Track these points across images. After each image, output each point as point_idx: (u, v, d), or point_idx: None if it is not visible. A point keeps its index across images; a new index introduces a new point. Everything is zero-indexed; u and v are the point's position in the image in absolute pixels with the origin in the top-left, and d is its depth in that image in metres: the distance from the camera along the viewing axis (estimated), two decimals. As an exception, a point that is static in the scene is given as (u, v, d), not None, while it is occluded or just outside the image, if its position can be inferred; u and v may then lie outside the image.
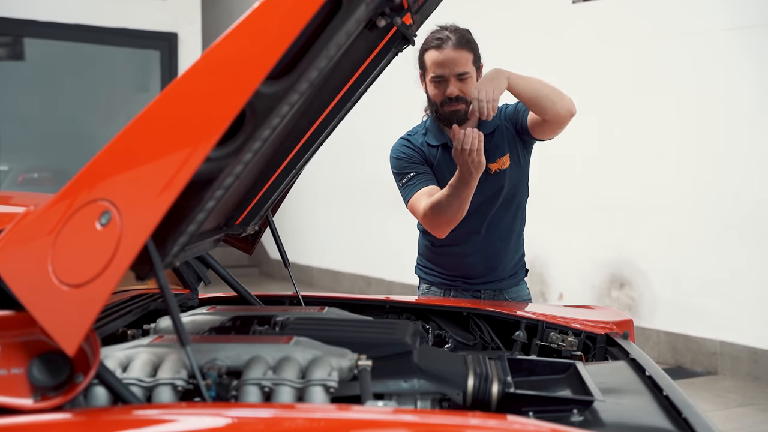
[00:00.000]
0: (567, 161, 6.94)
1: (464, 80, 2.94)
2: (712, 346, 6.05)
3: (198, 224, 1.73)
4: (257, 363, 1.80)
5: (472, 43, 2.98)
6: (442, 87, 2.96)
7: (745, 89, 5.84)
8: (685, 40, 6.15)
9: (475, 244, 3.08)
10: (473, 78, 2.96)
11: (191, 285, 2.74)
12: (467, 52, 2.95)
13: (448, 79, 2.94)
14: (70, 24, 8.86)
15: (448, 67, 2.93)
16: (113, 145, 1.55)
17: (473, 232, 3.06)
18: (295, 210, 10.20)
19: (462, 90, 2.94)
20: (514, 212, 3.12)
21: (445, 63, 2.93)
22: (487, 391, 1.90)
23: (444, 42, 2.93)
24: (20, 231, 1.63)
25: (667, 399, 1.92)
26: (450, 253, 3.12)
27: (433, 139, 3.06)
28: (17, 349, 1.58)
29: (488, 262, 3.10)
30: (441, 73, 2.94)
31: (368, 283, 9.10)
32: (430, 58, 2.96)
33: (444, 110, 2.97)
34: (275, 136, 2.18)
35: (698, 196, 6.09)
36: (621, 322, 2.68)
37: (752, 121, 5.81)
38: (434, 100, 3.00)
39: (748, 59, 5.83)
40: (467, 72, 2.94)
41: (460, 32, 2.97)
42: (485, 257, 3.10)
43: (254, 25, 1.51)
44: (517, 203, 3.12)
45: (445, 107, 2.96)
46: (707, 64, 6.04)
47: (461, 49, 2.93)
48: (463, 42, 2.94)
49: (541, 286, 7.19)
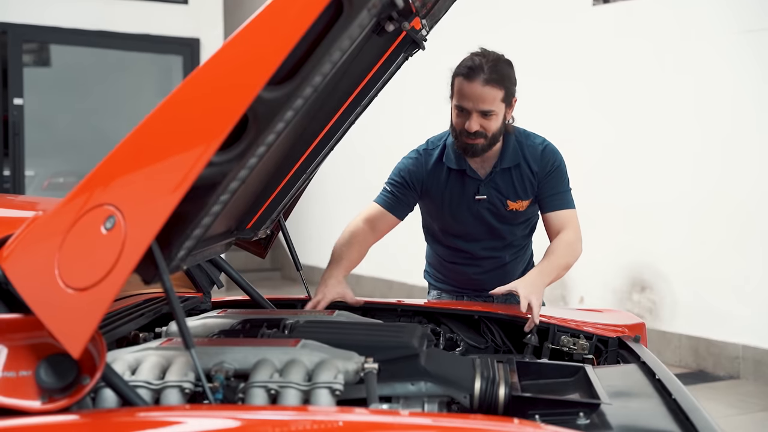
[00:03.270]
0: (587, 164, 6.91)
1: (489, 117, 2.78)
2: (734, 349, 6.01)
3: (204, 228, 1.75)
4: (264, 366, 1.82)
5: (506, 80, 2.78)
6: (463, 118, 2.80)
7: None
8: (705, 42, 6.12)
9: (488, 265, 3.08)
10: (500, 115, 2.80)
11: (204, 288, 2.77)
12: (498, 89, 2.75)
13: (471, 113, 2.77)
14: (94, 30, 8.95)
15: (472, 101, 2.75)
16: (118, 151, 1.57)
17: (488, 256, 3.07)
18: (319, 213, 10.23)
19: (483, 126, 2.78)
20: (527, 233, 3.12)
21: (470, 96, 2.75)
22: (494, 394, 1.91)
23: (475, 73, 2.73)
24: (28, 235, 1.65)
25: (676, 403, 1.91)
26: (462, 272, 3.12)
27: (452, 163, 2.95)
28: (25, 352, 1.61)
29: (501, 277, 3.08)
30: (465, 105, 2.78)
31: (389, 287, 9.10)
32: (458, 85, 2.79)
33: (462, 140, 2.83)
34: (283, 141, 2.19)
35: (719, 199, 6.05)
36: (633, 326, 2.68)
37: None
38: (455, 127, 2.85)
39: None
40: (492, 110, 2.77)
41: (496, 64, 2.76)
42: (498, 274, 3.08)
43: (255, 31, 1.53)
44: (531, 226, 3.12)
45: (464, 138, 2.81)
46: (729, 65, 5.99)
47: (491, 85, 2.73)
48: (494, 78, 2.74)
49: (561, 290, 7.16)
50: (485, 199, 2.95)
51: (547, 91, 7.28)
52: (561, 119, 7.09)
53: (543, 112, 7.19)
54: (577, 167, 6.90)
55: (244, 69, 1.51)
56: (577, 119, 7.05)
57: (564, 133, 6.99)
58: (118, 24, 9.06)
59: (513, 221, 3.01)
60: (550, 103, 7.21)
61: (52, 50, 9.21)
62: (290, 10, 1.50)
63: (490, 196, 2.95)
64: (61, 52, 9.23)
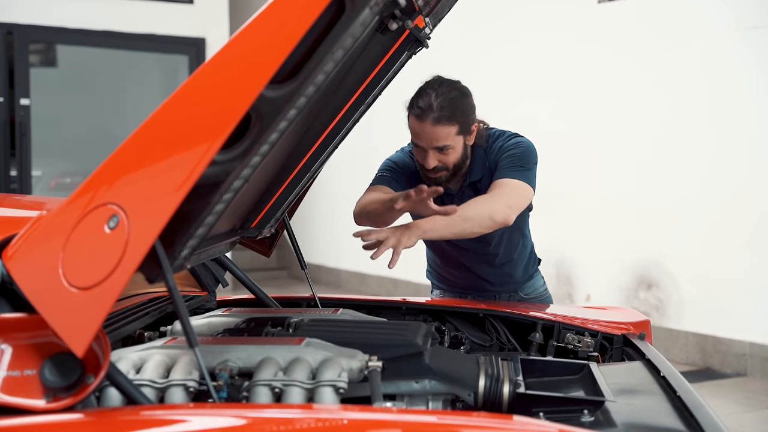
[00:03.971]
0: (594, 163, 6.91)
1: (446, 152, 2.71)
2: (741, 347, 5.99)
3: (208, 227, 1.75)
4: (268, 364, 1.82)
5: (458, 114, 2.67)
6: (420, 154, 2.74)
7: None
8: (714, 40, 6.11)
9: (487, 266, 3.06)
10: (457, 148, 2.72)
11: (209, 287, 2.78)
12: (450, 125, 2.66)
13: (427, 151, 2.71)
14: (100, 30, 8.97)
15: (425, 140, 2.69)
16: (121, 150, 1.57)
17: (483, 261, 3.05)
18: (325, 212, 10.24)
19: (442, 160, 2.72)
20: (521, 231, 3.07)
21: (422, 136, 2.69)
22: (498, 392, 1.91)
23: (425, 113, 2.64)
24: (32, 235, 1.66)
25: (680, 400, 1.91)
26: (459, 275, 3.12)
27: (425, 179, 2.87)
28: (30, 351, 1.61)
29: (502, 276, 3.08)
30: (419, 144, 2.72)
31: (395, 285, 9.11)
32: (411, 123, 2.72)
33: (424, 174, 2.79)
34: (287, 139, 2.20)
35: (725, 197, 6.04)
36: (638, 323, 2.67)
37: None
38: (416, 161, 2.81)
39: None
40: (448, 145, 2.69)
41: (447, 102, 2.65)
42: (498, 273, 3.07)
43: (257, 30, 1.53)
44: (522, 223, 3.04)
45: (425, 172, 2.78)
46: (739, 62, 5.98)
47: (443, 124, 2.65)
48: (445, 116, 2.64)
49: (568, 288, 7.16)
50: None
51: (554, 88, 7.28)
52: (569, 116, 7.09)
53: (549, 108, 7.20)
54: (585, 164, 6.92)
55: (247, 67, 1.52)
56: (585, 117, 7.04)
57: (572, 131, 7.01)
58: (124, 24, 9.09)
59: None
60: (556, 100, 7.21)
61: (59, 50, 9.23)
62: (292, 9, 1.51)
63: None
64: (67, 52, 9.25)
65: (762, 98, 5.84)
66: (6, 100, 8.61)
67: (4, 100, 8.61)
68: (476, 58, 7.70)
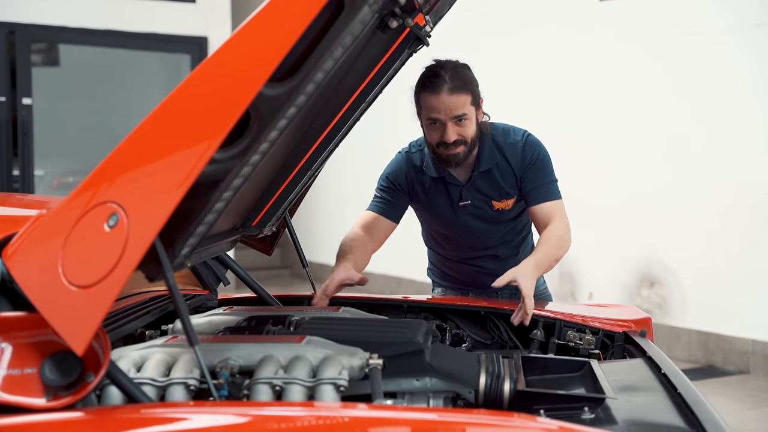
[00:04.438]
0: (596, 160, 6.90)
1: (463, 123, 2.75)
2: (744, 344, 5.99)
3: (208, 225, 1.75)
4: (269, 362, 1.82)
5: (469, 83, 2.76)
6: (438, 130, 2.77)
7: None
8: (717, 36, 6.10)
9: (487, 261, 3.07)
10: (472, 118, 2.78)
11: (210, 286, 2.78)
12: (465, 94, 2.73)
13: (445, 124, 2.74)
14: (102, 30, 8.98)
15: (443, 111, 2.72)
16: (121, 149, 1.58)
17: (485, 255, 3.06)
18: (328, 211, 10.25)
19: (460, 133, 2.76)
20: (521, 228, 3.09)
21: (440, 108, 2.72)
22: (499, 389, 1.91)
23: (439, 85, 2.71)
24: (32, 233, 1.66)
25: (681, 397, 1.91)
26: (462, 270, 3.12)
27: (432, 172, 2.93)
28: (30, 350, 1.61)
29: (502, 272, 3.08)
30: (437, 117, 2.75)
31: (399, 284, 9.11)
32: (425, 101, 2.76)
33: (442, 152, 2.80)
34: (287, 137, 2.20)
35: (727, 194, 6.03)
36: (639, 320, 2.67)
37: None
38: (431, 142, 2.82)
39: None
40: (465, 114, 2.74)
41: (456, 72, 2.74)
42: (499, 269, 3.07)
43: (256, 28, 1.53)
44: (523, 222, 3.08)
45: (442, 150, 2.79)
46: (741, 60, 5.97)
47: (458, 92, 2.71)
48: (458, 84, 2.72)
49: (571, 286, 7.16)
50: (470, 204, 2.93)
51: (556, 86, 7.27)
52: (570, 115, 7.08)
53: (552, 107, 7.19)
54: (587, 163, 6.92)
55: (246, 66, 1.52)
56: (586, 115, 7.03)
57: (574, 129, 7.00)
58: (126, 23, 9.09)
59: (501, 220, 2.99)
60: (559, 99, 7.20)
61: (61, 50, 9.24)
62: (291, 7, 1.51)
63: (474, 200, 2.93)
64: (69, 51, 9.26)
65: (765, 96, 5.83)
66: (8, 100, 8.62)
67: (6, 99, 8.61)
68: (474, 56, 7.69)
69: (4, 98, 8.59)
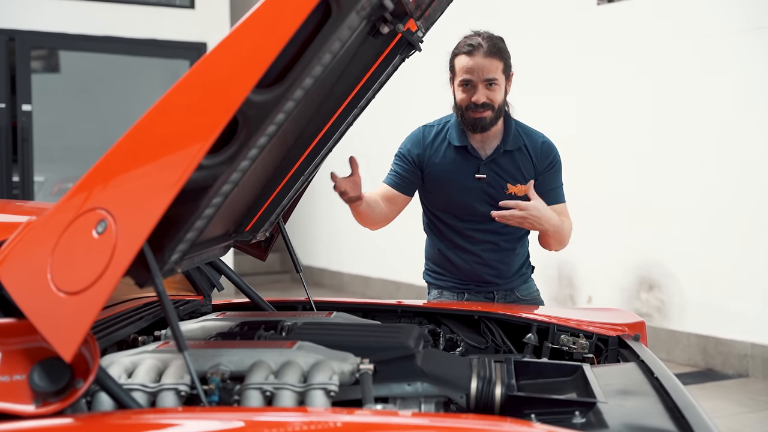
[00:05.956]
0: (595, 164, 6.90)
1: (492, 88, 2.94)
2: (743, 348, 5.98)
3: (197, 231, 1.75)
4: (259, 368, 1.82)
5: (503, 52, 2.96)
6: (469, 92, 2.96)
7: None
8: (718, 40, 6.10)
9: (487, 251, 3.09)
10: (502, 86, 2.97)
11: (204, 291, 2.78)
12: (498, 60, 2.93)
13: (476, 86, 2.94)
14: (102, 36, 9.00)
15: (477, 73, 2.92)
16: (109, 155, 1.58)
17: (485, 240, 3.08)
18: (327, 216, 10.24)
19: (489, 97, 2.94)
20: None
21: (474, 69, 2.92)
22: (491, 394, 1.91)
23: (476, 48, 2.92)
24: (22, 240, 1.66)
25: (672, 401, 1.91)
26: (462, 259, 3.12)
27: (455, 140, 3.06)
28: (19, 356, 1.62)
29: (500, 265, 3.11)
30: (469, 79, 2.94)
31: (398, 288, 9.11)
32: (460, 63, 2.96)
33: (469, 115, 2.97)
34: (280, 143, 2.21)
35: (726, 197, 6.03)
36: (633, 324, 2.67)
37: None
38: (461, 105, 3.00)
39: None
40: (496, 79, 2.94)
41: (492, 39, 2.95)
42: (497, 261, 3.10)
43: (243, 35, 1.53)
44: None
45: (471, 113, 2.97)
46: (740, 63, 5.98)
47: (492, 56, 2.92)
48: (494, 50, 2.93)
49: (570, 290, 7.15)
50: (485, 179, 3.03)
51: (554, 90, 7.27)
52: (568, 119, 7.09)
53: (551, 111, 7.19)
54: (585, 166, 6.91)
55: (233, 72, 1.52)
56: (585, 119, 7.04)
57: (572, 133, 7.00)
58: (125, 29, 9.11)
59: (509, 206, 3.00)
60: (557, 103, 7.21)
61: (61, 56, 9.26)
62: (277, 14, 1.51)
63: (490, 177, 3.04)
64: (69, 58, 9.27)
65: (764, 99, 5.83)
66: (8, 106, 8.64)
67: (6, 105, 8.63)
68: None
69: (3, 105, 8.62)
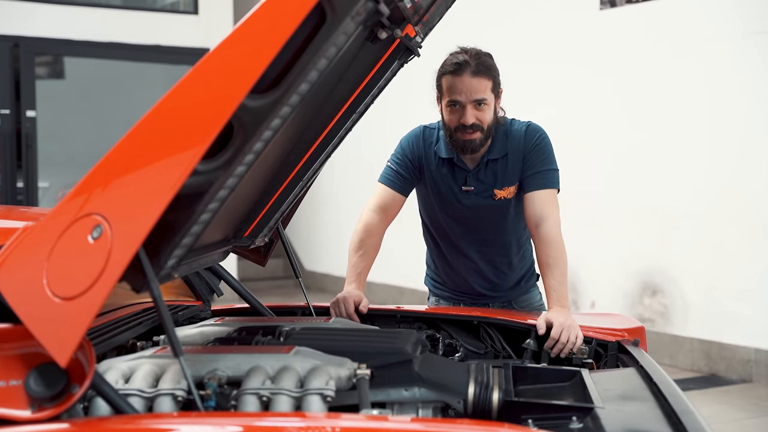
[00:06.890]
0: (598, 169, 6.90)
1: (482, 108, 2.82)
2: (746, 353, 5.97)
3: (194, 237, 1.76)
4: (256, 373, 1.82)
5: (492, 70, 2.84)
6: (457, 113, 2.84)
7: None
8: (715, 44, 6.10)
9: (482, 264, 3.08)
10: (491, 105, 2.85)
11: (203, 296, 2.78)
12: (486, 78, 2.81)
13: (465, 106, 2.82)
14: (106, 42, 9.02)
15: (465, 94, 2.80)
16: (105, 161, 1.58)
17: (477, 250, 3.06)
18: (330, 221, 10.25)
19: (478, 118, 2.82)
20: (515, 229, 3.08)
21: (462, 90, 2.80)
22: (488, 399, 1.90)
23: (462, 67, 2.79)
24: (18, 246, 1.66)
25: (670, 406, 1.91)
26: (454, 272, 3.12)
27: (442, 152, 2.98)
28: (15, 362, 1.62)
29: (493, 278, 3.10)
30: (457, 99, 2.82)
31: (401, 294, 9.10)
32: (447, 82, 2.84)
33: (458, 137, 2.86)
34: (278, 148, 2.21)
35: (730, 203, 6.02)
36: (633, 330, 2.67)
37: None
38: (449, 125, 2.88)
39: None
40: (485, 99, 2.81)
41: (480, 57, 2.83)
42: (489, 274, 3.08)
43: (238, 40, 1.54)
44: (519, 221, 3.07)
45: (459, 134, 2.85)
46: (739, 68, 5.97)
47: (480, 75, 2.80)
48: (482, 68, 2.80)
49: (573, 295, 7.14)
50: (472, 191, 2.97)
51: (556, 96, 7.27)
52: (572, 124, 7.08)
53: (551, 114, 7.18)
54: (588, 171, 6.91)
55: (228, 77, 1.53)
56: (587, 124, 7.03)
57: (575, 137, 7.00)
58: (129, 35, 9.13)
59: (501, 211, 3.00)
60: (560, 109, 7.20)
61: (66, 62, 9.28)
62: (272, 19, 1.51)
63: (477, 188, 2.97)
64: (74, 64, 9.30)
65: (765, 104, 5.82)
66: (12, 112, 8.66)
67: (11, 112, 8.65)
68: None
69: (8, 111, 8.63)
